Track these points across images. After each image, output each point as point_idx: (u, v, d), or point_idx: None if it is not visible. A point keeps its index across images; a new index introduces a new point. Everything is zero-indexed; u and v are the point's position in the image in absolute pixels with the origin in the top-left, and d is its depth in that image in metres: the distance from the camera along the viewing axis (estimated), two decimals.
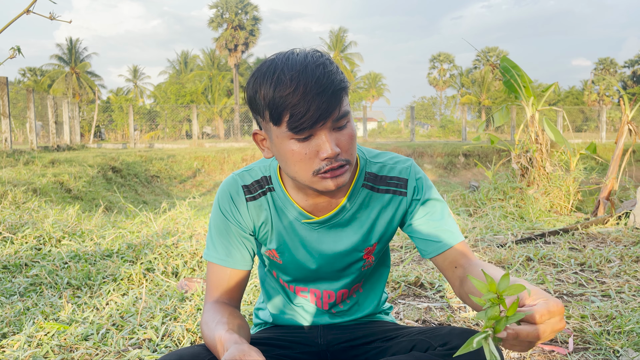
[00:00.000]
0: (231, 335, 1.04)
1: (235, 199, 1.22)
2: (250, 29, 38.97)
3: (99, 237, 3.77)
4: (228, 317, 1.14)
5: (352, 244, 1.23)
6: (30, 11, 2.21)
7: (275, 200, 1.23)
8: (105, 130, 28.65)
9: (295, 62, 1.01)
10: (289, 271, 1.28)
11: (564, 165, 6.49)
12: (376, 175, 1.23)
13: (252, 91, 1.06)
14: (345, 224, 1.23)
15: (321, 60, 1.02)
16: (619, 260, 3.15)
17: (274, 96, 1.00)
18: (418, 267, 3.06)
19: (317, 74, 0.99)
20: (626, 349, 1.81)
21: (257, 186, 1.23)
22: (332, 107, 1.01)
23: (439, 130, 36.62)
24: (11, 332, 2.12)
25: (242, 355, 0.95)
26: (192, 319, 2.18)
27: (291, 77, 0.99)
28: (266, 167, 1.25)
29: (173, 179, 15.22)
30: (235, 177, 1.24)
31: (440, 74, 58.59)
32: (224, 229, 1.22)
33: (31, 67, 45.11)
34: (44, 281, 2.77)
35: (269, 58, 1.08)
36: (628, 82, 50.22)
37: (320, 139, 1.04)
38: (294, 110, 0.99)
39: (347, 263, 1.26)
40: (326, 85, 0.99)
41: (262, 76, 1.03)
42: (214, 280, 1.23)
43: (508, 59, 6.81)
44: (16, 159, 10.16)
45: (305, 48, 1.07)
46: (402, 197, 1.23)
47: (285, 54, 1.05)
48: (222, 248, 1.22)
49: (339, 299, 1.32)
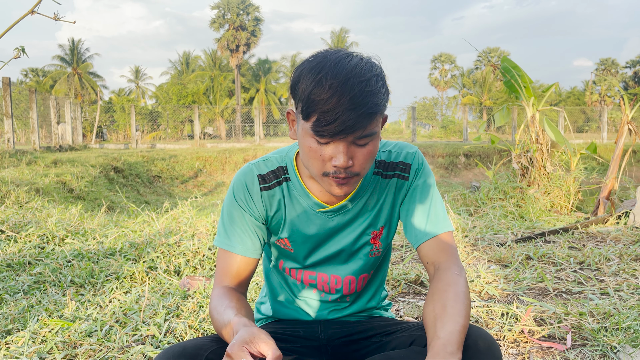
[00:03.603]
0: (240, 318, 1.07)
1: (249, 188, 1.25)
2: (252, 30, 38.99)
3: (101, 236, 3.79)
4: (236, 302, 1.17)
5: (361, 228, 1.28)
6: (34, 12, 2.23)
7: (290, 189, 1.26)
8: (107, 130, 28.70)
9: (342, 70, 1.03)
10: (299, 258, 1.31)
11: (564, 165, 6.50)
12: (385, 162, 1.28)
13: (296, 78, 1.09)
14: (357, 210, 1.27)
15: (367, 77, 1.03)
16: (618, 259, 3.17)
17: (310, 95, 1.04)
18: (418, 266, 3.08)
19: (356, 91, 1.01)
20: (623, 345, 1.83)
21: (272, 176, 1.26)
22: (357, 127, 1.04)
23: (440, 130, 36.62)
24: (15, 329, 2.14)
25: (252, 337, 0.98)
26: (195, 316, 2.20)
27: (330, 85, 1.02)
28: (282, 157, 1.28)
29: (175, 179, 15.25)
30: (251, 167, 1.27)
31: (442, 75, 58.54)
32: (237, 216, 1.25)
33: (33, 68, 45.22)
34: (48, 279, 2.80)
35: (325, 52, 1.09)
36: (629, 83, 50.14)
37: (337, 148, 1.07)
38: (321, 116, 1.03)
39: (355, 247, 1.30)
40: (359, 104, 1.02)
41: (309, 70, 1.06)
42: (223, 266, 1.26)
43: (509, 59, 6.82)
44: (19, 159, 10.19)
45: (363, 56, 1.08)
46: (405, 181, 1.28)
47: (338, 56, 1.06)
48: (234, 235, 1.25)
49: (345, 287, 1.34)
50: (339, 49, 1.10)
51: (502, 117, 7.23)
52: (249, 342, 0.98)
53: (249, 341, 0.98)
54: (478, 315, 2.21)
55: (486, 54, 52.68)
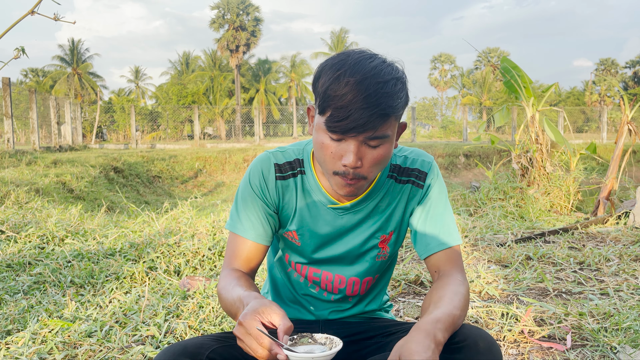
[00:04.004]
0: (250, 292, 1.08)
1: (265, 175, 1.26)
2: (252, 30, 38.97)
3: (101, 236, 3.79)
4: (245, 282, 1.19)
5: (371, 230, 1.29)
6: (34, 12, 2.23)
7: (304, 183, 1.27)
8: (107, 130, 28.70)
9: (361, 70, 1.04)
10: (305, 253, 1.31)
11: (564, 166, 6.50)
12: (400, 167, 1.29)
13: (317, 74, 1.12)
14: (368, 211, 1.28)
15: (386, 78, 1.05)
16: (618, 259, 3.17)
17: (327, 90, 1.06)
18: (418, 266, 3.08)
19: (371, 90, 1.03)
20: (623, 346, 1.83)
21: (288, 167, 1.27)
22: (368, 126, 1.05)
23: (440, 130, 36.65)
24: (15, 329, 2.14)
25: (264, 307, 0.99)
26: (194, 316, 2.20)
27: (347, 82, 1.04)
28: (300, 150, 1.30)
29: (175, 179, 15.25)
30: (269, 155, 1.28)
31: (442, 75, 58.57)
32: (251, 202, 1.26)
33: (33, 68, 45.19)
34: (48, 279, 2.80)
35: (349, 51, 1.11)
36: (629, 83, 50.14)
37: (348, 146, 1.09)
38: (335, 112, 1.05)
39: (363, 249, 1.30)
40: (373, 104, 1.03)
41: (330, 66, 1.08)
42: (233, 249, 1.27)
43: (508, 59, 6.82)
44: (19, 160, 10.19)
45: (387, 59, 1.10)
46: (419, 189, 1.28)
47: (361, 56, 1.08)
48: (247, 220, 1.26)
49: (349, 288, 1.34)
50: (364, 50, 1.12)
51: (501, 117, 7.23)
52: (261, 312, 0.99)
53: (261, 311, 0.99)
54: (478, 316, 2.21)
55: (486, 54, 52.70)
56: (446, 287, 1.17)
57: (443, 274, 1.24)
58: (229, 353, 1.10)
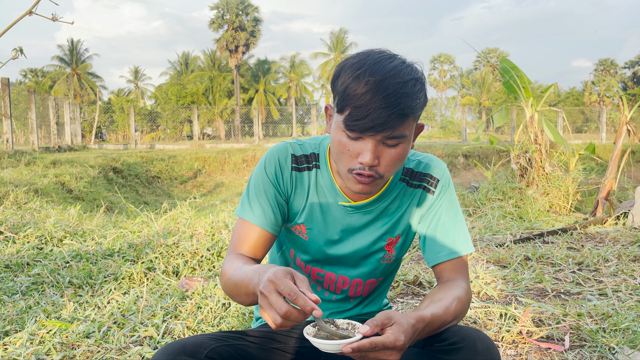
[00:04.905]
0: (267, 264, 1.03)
1: (282, 164, 1.26)
2: (251, 30, 38.99)
3: (100, 236, 3.79)
4: (253, 263, 1.17)
5: (379, 232, 1.29)
6: (32, 12, 2.23)
7: (318, 178, 1.27)
8: (106, 131, 28.69)
9: (381, 70, 1.05)
10: (311, 250, 1.31)
11: (563, 166, 6.50)
12: (413, 171, 1.29)
13: (337, 73, 1.12)
14: (378, 213, 1.28)
15: (405, 79, 1.05)
16: (617, 259, 3.17)
17: (346, 89, 1.07)
18: (417, 266, 3.08)
19: (390, 90, 1.03)
20: (622, 346, 1.83)
21: (304, 160, 1.28)
22: (387, 126, 1.05)
23: (439, 131, 36.66)
24: (13, 330, 2.14)
25: (294, 272, 0.94)
26: (193, 317, 2.20)
27: (367, 82, 1.04)
28: (317, 144, 1.30)
29: (174, 179, 15.24)
30: (286, 145, 1.28)
31: (441, 75, 58.62)
32: (264, 190, 1.25)
33: (32, 68, 45.19)
34: (46, 280, 2.80)
35: (369, 51, 1.11)
36: (628, 83, 50.20)
37: (365, 144, 1.09)
38: (353, 111, 1.06)
39: (369, 251, 1.30)
40: (391, 104, 1.03)
41: (350, 66, 1.09)
42: (241, 235, 1.25)
43: (507, 59, 6.83)
44: (18, 160, 10.18)
45: (406, 60, 1.10)
46: (430, 195, 1.29)
47: (381, 56, 1.08)
48: (258, 208, 1.25)
49: (352, 289, 1.34)
50: (384, 50, 1.12)
51: (501, 117, 7.23)
52: (293, 273, 0.94)
53: (293, 273, 0.94)
54: (476, 316, 2.21)
55: (485, 55, 52.75)
56: (449, 291, 1.18)
57: (447, 279, 1.26)
58: (228, 352, 1.10)
